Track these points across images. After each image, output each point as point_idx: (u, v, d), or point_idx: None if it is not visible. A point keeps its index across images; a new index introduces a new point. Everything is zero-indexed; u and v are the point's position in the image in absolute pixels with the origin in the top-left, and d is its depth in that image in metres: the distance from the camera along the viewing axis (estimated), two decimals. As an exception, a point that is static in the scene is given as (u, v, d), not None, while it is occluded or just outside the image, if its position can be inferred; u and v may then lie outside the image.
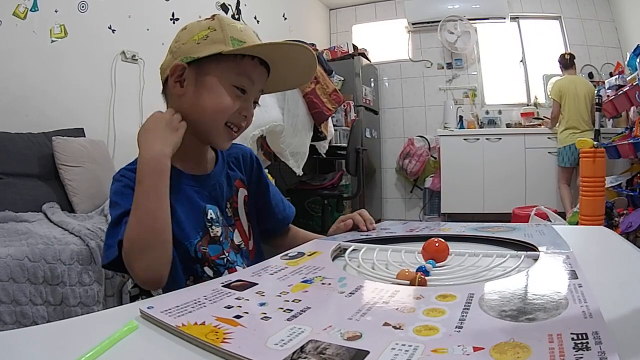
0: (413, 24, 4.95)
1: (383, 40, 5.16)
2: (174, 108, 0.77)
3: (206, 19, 0.77)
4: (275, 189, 0.94)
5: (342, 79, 4.21)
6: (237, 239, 0.82)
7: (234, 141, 0.82)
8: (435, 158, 4.67)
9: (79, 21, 2.41)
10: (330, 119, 3.03)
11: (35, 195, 1.93)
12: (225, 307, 0.42)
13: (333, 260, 0.64)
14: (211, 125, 0.76)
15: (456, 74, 4.91)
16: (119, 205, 0.69)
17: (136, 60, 2.76)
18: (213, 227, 0.77)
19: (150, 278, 0.64)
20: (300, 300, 0.43)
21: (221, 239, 0.77)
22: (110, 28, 2.60)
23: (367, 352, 0.31)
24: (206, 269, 0.74)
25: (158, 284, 0.65)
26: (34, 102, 2.21)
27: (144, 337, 0.38)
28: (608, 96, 3.57)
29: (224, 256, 0.76)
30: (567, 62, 3.87)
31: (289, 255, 0.65)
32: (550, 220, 3.21)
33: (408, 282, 0.49)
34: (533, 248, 0.62)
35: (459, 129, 4.57)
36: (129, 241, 0.63)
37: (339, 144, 3.41)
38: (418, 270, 0.53)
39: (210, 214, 0.77)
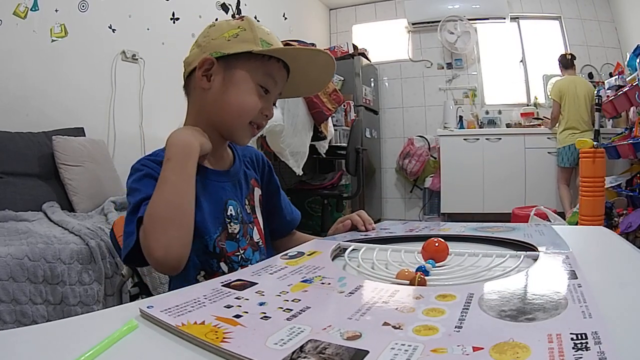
0: (413, 24, 4.95)
1: (383, 40, 5.16)
2: (197, 102, 0.78)
3: (235, 19, 0.79)
4: (283, 193, 0.96)
5: (342, 78, 4.21)
6: (255, 236, 0.83)
7: None
8: (435, 158, 4.67)
9: (79, 21, 2.41)
10: (330, 118, 3.03)
11: (35, 195, 1.93)
12: (225, 306, 0.42)
13: (333, 260, 0.64)
14: (236, 122, 0.77)
15: (456, 74, 4.91)
16: (139, 191, 0.68)
17: (136, 59, 2.76)
18: (232, 223, 0.78)
19: (170, 258, 0.61)
20: (299, 300, 0.43)
21: (238, 236, 0.78)
22: (110, 27, 2.60)
23: (367, 352, 0.31)
24: (222, 264, 0.75)
25: (176, 267, 0.62)
26: (34, 102, 2.21)
27: (143, 336, 0.38)
28: (608, 96, 3.57)
29: (239, 253, 0.77)
30: (567, 62, 3.87)
31: (289, 254, 0.65)
32: (549, 221, 3.21)
33: (408, 282, 0.49)
34: (533, 248, 0.62)
35: (459, 129, 4.57)
36: (151, 217, 0.62)
37: (338, 144, 3.41)
38: (418, 270, 0.53)
39: (230, 210, 0.78)
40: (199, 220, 0.70)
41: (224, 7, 3.58)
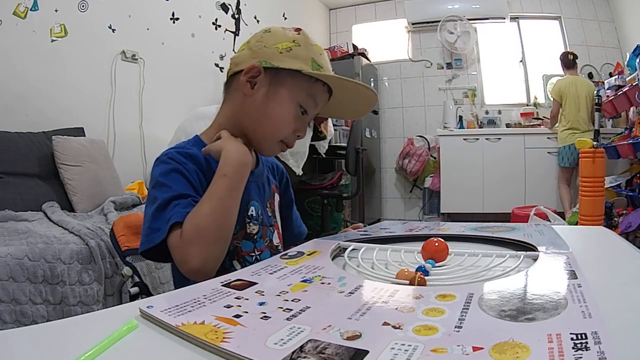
0: (413, 24, 4.95)
1: (383, 40, 5.16)
2: (234, 104, 0.78)
3: (292, 29, 0.78)
4: (295, 207, 0.97)
5: (342, 78, 4.20)
6: (275, 240, 0.83)
7: None
8: (434, 158, 4.67)
9: (79, 20, 2.41)
10: (330, 118, 3.03)
11: (35, 195, 1.93)
12: (224, 306, 0.42)
13: (332, 259, 0.64)
14: (268, 137, 0.77)
15: (456, 74, 4.91)
16: (169, 188, 0.67)
17: (136, 59, 2.76)
18: (251, 223, 0.77)
19: (206, 270, 0.62)
20: (299, 300, 0.43)
21: (256, 237, 0.78)
22: (110, 27, 2.60)
23: (367, 352, 0.31)
24: (235, 262, 0.75)
25: (205, 277, 0.61)
26: (33, 102, 2.21)
27: (143, 336, 0.38)
28: (608, 96, 3.57)
29: (254, 254, 0.77)
30: (569, 62, 3.86)
31: (289, 254, 0.65)
32: (549, 220, 3.21)
33: (407, 281, 0.49)
34: (532, 248, 0.62)
35: (459, 129, 4.57)
36: (197, 229, 0.62)
37: (338, 144, 3.41)
38: (417, 270, 0.53)
39: (251, 211, 0.78)
40: None
41: (224, 7, 3.58)
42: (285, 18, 4.44)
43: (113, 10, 2.61)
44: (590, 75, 4.31)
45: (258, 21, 3.96)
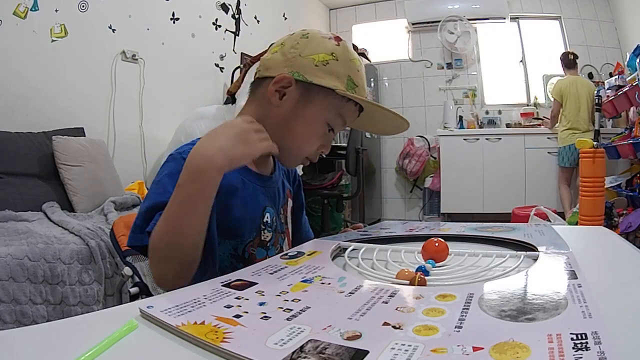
0: (413, 24, 4.95)
1: (383, 40, 5.16)
2: (259, 109, 0.73)
3: (332, 38, 0.73)
4: (302, 202, 0.95)
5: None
6: (285, 247, 0.81)
7: None
8: (435, 158, 4.67)
9: (79, 21, 2.41)
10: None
11: (35, 195, 1.93)
12: (225, 306, 0.42)
13: (333, 259, 0.64)
14: (291, 151, 0.74)
15: (456, 74, 4.91)
16: (167, 192, 0.61)
17: (136, 59, 2.76)
18: (265, 230, 0.75)
19: (162, 285, 0.62)
20: (299, 300, 0.43)
21: (268, 244, 0.76)
22: (110, 27, 2.60)
23: (367, 352, 0.31)
24: None
25: (170, 289, 0.61)
26: (33, 102, 2.21)
27: (143, 336, 0.38)
28: (608, 96, 3.57)
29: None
30: (570, 62, 3.86)
31: (289, 254, 0.65)
32: (549, 221, 3.21)
33: (408, 281, 0.49)
34: (533, 248, 0.62)
35: (459, 129, 4.57)
36: (152, 244, 0.59)
37: (338, 144, 3.41)
38: (418, 270, 0.53)
39: (267, 217, 0.75)
40: (235, 223, 0.69)
41: (224, 7, 3.58)
42: (286, 18, 4.44)
43: (113, 10, 2.61)
44: (590, 76, 4.31)
45: (258, 21, 3.96)
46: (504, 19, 4.70)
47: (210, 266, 0.66)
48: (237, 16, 3.71)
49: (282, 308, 0.41)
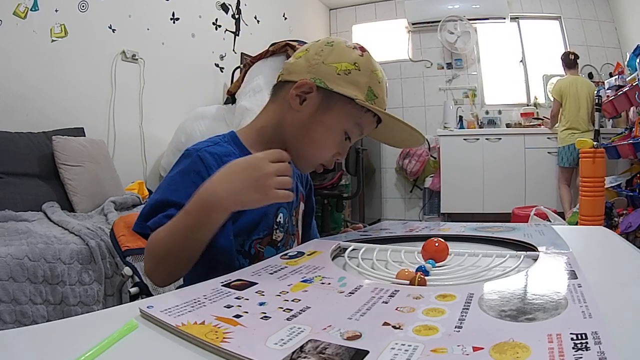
0: (413, 24, 4.95)
1: (383, 40, 5.16)
2: (279, 112, 0.74)
3: (357, 48, 0.74)
4: (312, 207, 0.96)
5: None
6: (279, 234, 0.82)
7: None
8: (435, 158, 4.67)
9: (79, 21, 2.41)
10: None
11: (35, 195, 1.93)
12: (225, 306, 0.42)
13: (333, 259, 0.64)
14: (307, 157, 0.75)
15: (456, 74, 4.91)
16: (178, 191, 0.65)
17: (136, 59, 2.76)
18: (278, 230, 0.76)
19: (153, 281, 0.65)
20: (299, 300, 0.43)
21: (279, 245, 0.77)
22: (110, 27, 2.60)
23: (367, 352, 0.31)
24: None
25: (158, 285, 0.66)
26: (33, 102, 2.21)
27: (143, 336, 0.38)
28: (608, 96, 3.57)
29: None
30: (570, 62, 3.85)
31: (289, 254, 0.65)
32: (549, 221, 3.21)
33: (408, 281, 0.49)
34: (533, 248, 0.62)
35: (459, 129, 4.56)
36: (151, 246, 0.62)
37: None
38: (418, 270, 0.53)
39: (280, 218, 0.76)
40: (249, 221, 0.70)
41: (224, 7, 3.58)
42: (286, 18, 4.44)
43: (113, 10, 2.61)
44: (590, 76, 4.31)
45: (258, 21, 3.96)
46: (504, 19, 4.69)
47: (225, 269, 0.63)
48: (237, 16, 3.71)
49: (282, 308, 0.41)
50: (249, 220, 0.71)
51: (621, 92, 3.22)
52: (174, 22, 3.07)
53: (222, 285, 0.49)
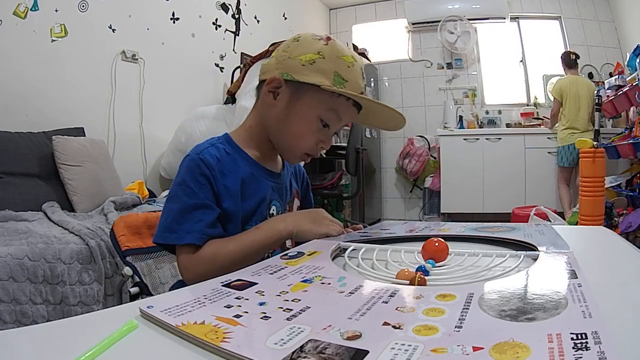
0: (413, 24, 4.95)
1: (383, 40, 5.16)
2: (261, 110, 0.80)
3: (323, 39, 0.76)
4: (311, 201, 0.99)
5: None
6: (288, 242, 0.84)
7: None
8: (435, 158, 4.67)
9: (79, 20, 2.41)
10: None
11: (35, 195, 1.93)
12: (225, 306, 0.42)
13: (333, 259, 0.64)
14: (289, 148, 0.80)
15: (456, 74, 4.91)
16: (195, 194, 0.71)
17: (136, 59, 2.76)
18: None
19: (192, 282, 0.67)
20: (299, 300, 0.43)
21: None
22: (110, 27, 2.60)
23: (367, 352, 0.31)
24: None
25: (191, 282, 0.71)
26: (33, 102, 2.21)
27: (143, 336, 0.38)
28: (608, 96, 3.57)
29: (271, 251, 0.79)
30: (571, 62, 3.85)
31: (289, 254, 0.65)
32: (549, 220, 3.21)
33: (408, 281, 0.49)
34: (533, 248, 0.62)
35: (459, 128, 4.57)
36: (211, 255, 0.69)
37: (338, 144, 3.41)
38: (418, 269, 0.53)
39: (273, 210, 0.80)
40: (243, 212, 0.75)
41: (224, 7, 3.58)
42: (286, 18, 4.44)
43: (113, 10, 2.61)
44: (590, 75, 4.31)
45: (258, 21, 3.96)
46: (504, 18, 4.70)
47: None
48: (237, 16, 3.71)
49: (282, 308, 0.41)
50: (245, 211, 0.75)
51: (621, 92, 3.22)
52: (174, 22, 3.08)
53: (222, 285, 0.49)
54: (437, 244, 0.61)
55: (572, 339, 0.30)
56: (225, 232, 0.73)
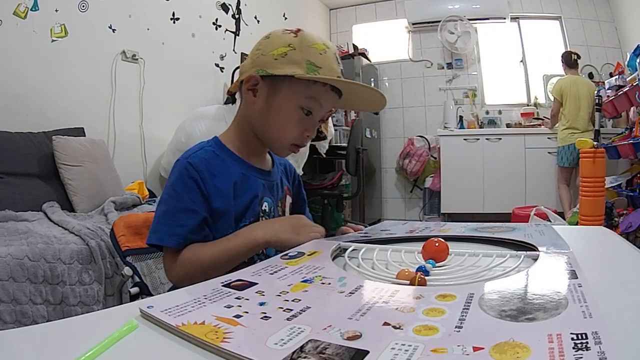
0: (413, 24, 4.95)
1: (383, 40, 5.16)
2: (244, 110, 0.82)
3: (290, 31, 0.78)
4: (304, 198, 1.00)
5: (343, 78, 4.20)
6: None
7: None
8: (435, 158, 4.67)
9: (80, 21, 2.41)
10: (330, 118, 3.03)
11: (35, 195, 1.93)
12: (225, 306, 0.42)
13: (333, 260, 0.64)
14: (276, 141, 0.81)
15: (456, 74, 4.91)
16: (181, 198, 0.73)
17: (136, 59, 2.76)
18: (264, 218, 0.82)
19: (175, 284, 0.74)
20: (300, 300, 0.43)
21: None
22: (110, 27, 2.60)
23: (367, 352, 0.31)
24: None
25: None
26: (34, 102, 2.21)
27: (143, 336, 0.38)
28: (608, 96, 3.57)
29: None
30: (571, 62, 3.85)
31: (289, 255, 0.65)
32: (550, 221, 3.21)
33: (408, 281, 0.49)
34: (533, 248, 0.62)
35: (459, 129, 4.57)
36: (188, 259, 0.70)
37: (339, 144, 3.41)
38: (418, 270, 0.53)
39: (265, 206, 0.82)
40: (235, 209, 0.77)
41: (224, 7, 3.58)
42: (286, 18, 4.44)
43: (113, 10, 2.61)
44: (590, 76, 4.31)
45: (258, 21, 3.96)
46: (504, 19, 4.70)
47: None
48: (237, 16, 3.71)
49: (282, 308, 0.41)
50: (237, 209, 0.77)
51: (621, 92, 3.22)
52: (174, 22, 3.07)
53: (222, 285, 0.49)
54: (437, 244, 0.60)
55: (572, 339, 0.30)
56: (217, 231, 0.75)
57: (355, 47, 4.56)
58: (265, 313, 0.40)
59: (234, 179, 0.78)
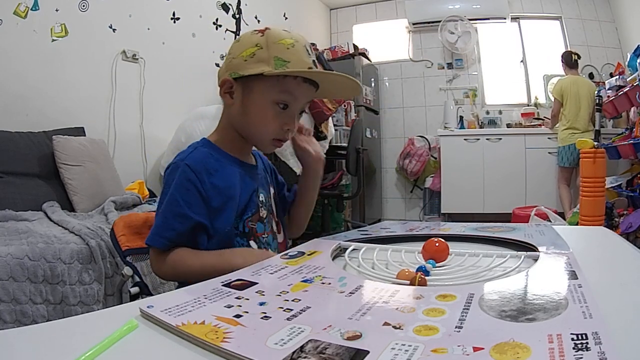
0: (413, 24, 4.94)
1: (383, 40, 5.16)
2: (226, 112, 0.85)
3: (258, 31, 0.80)
4: (282, 182, 1.03)
5: (343, 79, 4.20)
6: (274, 226, 0.91)
7: None
8: (435, 158, 4.67)
9: (80, 20, 2.41)
10: (330, 118, 3.03)
11: (35, 194, 1.93)
12: (225, 306, 0.42)
13: (333, 259, 0.64)
14: (258, 138, 0.84)
15: (456, 74, 4.91)
16: (176, 202, 0.75)
17: (137, 59, 2.76)
18: (262, 208, 0.86)
19: (162, 278, 0.78)
20: (300, 300, 0.43)
21: (265, 220, 0.86)
22: (110, 27, 2.60)
23: (367, 352, 0.31)
24: (252, 242, 0.82)
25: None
26: (34, 102, 2.21)
27: (143, 336, 0.38)
28: (608, 96, 3.57)
29: (264, 236, 0.85)
30: (572, 62, 3.84)
31: (289, 254, 0.65)
32: (550, 221, 3.21)
33: (408, 282, 0.49)
34: (533, 248, 0.62)
35: (459, 129, 4.56)
36: (175, 265, 0.74)
37: (339, 144, 3.41)
38: (418, 270, 0.53)
39: (261, 197, 0.86)
40: (239, 205, 0.80)
41: (224, 7, 3.58)
42: (286, 18, 4.44)
43: (113, 10, 2.61)
44: (591, 76, 4.31)
45: (259, 21, 3.96)
46: (505, 19, 4.69)
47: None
48: (237, 16, 3.71)
49: (282, 308, 0.41)
50: (240, 205, 0.81)
51: (622, 92, 3.22)
52: (174, 22, 3.07)
53: (222, 285, 0.49)
54: (437, 244, 0.61)
55: (572, 339, 0.30)
56: (219, 225, 0.77)
57: (355, 47, 4.56)
58: (265, 313, 0.40)
59: (233, 178, 0.80)
